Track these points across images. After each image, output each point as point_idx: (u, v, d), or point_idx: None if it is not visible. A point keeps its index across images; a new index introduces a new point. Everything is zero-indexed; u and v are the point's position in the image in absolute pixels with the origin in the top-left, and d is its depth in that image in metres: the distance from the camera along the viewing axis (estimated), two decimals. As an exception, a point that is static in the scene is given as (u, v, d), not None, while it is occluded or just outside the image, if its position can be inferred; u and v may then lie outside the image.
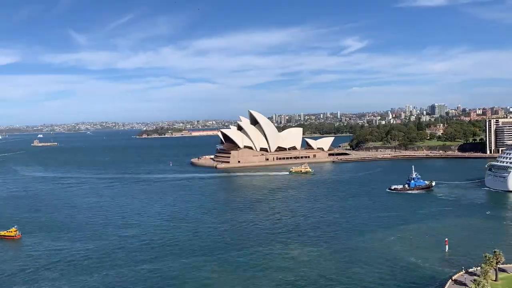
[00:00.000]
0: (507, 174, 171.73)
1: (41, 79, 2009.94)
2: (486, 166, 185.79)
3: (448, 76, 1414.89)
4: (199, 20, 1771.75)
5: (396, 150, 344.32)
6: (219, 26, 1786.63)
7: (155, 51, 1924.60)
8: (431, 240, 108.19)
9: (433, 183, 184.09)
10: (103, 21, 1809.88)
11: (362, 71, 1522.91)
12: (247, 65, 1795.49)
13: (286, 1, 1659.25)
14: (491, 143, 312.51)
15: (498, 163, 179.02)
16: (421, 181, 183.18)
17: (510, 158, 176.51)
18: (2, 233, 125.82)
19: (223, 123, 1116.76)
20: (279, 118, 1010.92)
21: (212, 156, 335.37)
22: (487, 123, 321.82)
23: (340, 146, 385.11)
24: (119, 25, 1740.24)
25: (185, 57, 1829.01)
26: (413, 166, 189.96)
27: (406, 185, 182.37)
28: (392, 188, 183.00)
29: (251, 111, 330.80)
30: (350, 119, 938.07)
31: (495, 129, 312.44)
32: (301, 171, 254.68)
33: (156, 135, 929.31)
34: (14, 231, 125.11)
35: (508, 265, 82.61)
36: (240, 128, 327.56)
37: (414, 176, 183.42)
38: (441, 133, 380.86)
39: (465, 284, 75.66)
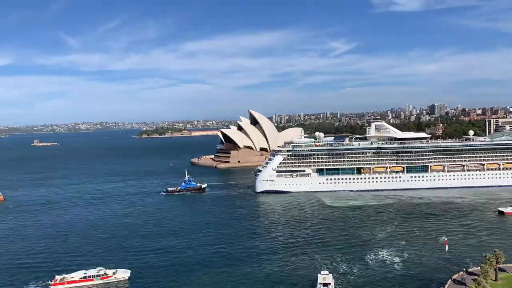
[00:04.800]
0: (256, 178, 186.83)
1: (36, 80, 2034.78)
2: (254, 170, 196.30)
3: (441, 77, 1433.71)
4: (186, 24, 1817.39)
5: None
6: (206, 29, 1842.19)
7: (146, 53, 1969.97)
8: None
9: (204, 185, 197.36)
10: (94, 24, 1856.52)
11: (354, 72, 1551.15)
12: (237, 67, 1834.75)
13: (270, 5, 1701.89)
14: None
15: (259, 168, 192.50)
16: (193, 183, 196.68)
17: (265, 163, 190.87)
18: None
19: (223, 123, 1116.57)
20: (279, 118, 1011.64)
21: (212, 156, 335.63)
22: (487, 123, 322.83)
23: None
24: (109, 29, 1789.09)
25: (175, 59, 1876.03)
26: (186, 170, 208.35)
27: (179, 187, 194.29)
28: (165, 190, 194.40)
29: (251, 111, 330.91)
30: (350, 119, 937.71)
31: (495, 128, 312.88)
32: None
33: (156, 135, 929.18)
34: None
35: (508, 265, 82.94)
36: (240, 128, 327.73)
37: (186, 178, 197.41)
38: (441, 133, 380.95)
39: (465, 284, 75.88)
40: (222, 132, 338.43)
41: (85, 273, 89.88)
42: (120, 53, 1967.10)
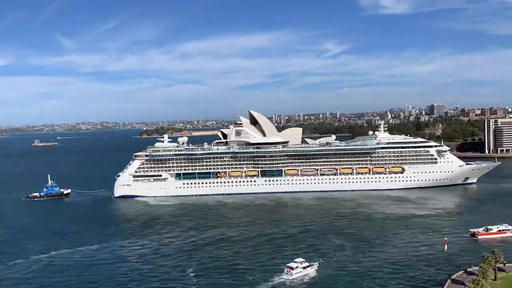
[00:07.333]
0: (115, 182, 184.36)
1: (35, 81, 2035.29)
2: (117, 175, 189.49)
3: (438, 77, 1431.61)
4: (183, 24, 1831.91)
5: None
6: (202, 30, 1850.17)
7: (142, 53, 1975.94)
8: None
9: (67, 191, 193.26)
10: (90, 26, 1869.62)
11: (350, 72, 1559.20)
12: (234, 67, 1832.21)
13: (264, 6, 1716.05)
14: (490, 143, 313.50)
15: (120, 173, 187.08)
16: (55, 189, 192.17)
17: (125, 168, 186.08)
18: None
19: (223, 123, 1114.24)
20: (278, 118, 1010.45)
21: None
22: (486, 123, 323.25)
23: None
24: (106, 30, 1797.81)
25: (171, 59, 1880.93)
26: (49, 175, 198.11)
27: (41, 193, 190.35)
28: (26, 196, 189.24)
29: (251, 111, 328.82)
30: (349, 119, 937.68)
31: (494, 129, 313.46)
32: None
33: (156, 135, 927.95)
34: None
35: (507, 264, 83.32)
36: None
37: (49, 184, 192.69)
38: (440, 133, 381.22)
39: (464, 284, 76.41)
40: (222, 132, 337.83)
41: (498, 228, 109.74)
42: (117, 53, 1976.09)
